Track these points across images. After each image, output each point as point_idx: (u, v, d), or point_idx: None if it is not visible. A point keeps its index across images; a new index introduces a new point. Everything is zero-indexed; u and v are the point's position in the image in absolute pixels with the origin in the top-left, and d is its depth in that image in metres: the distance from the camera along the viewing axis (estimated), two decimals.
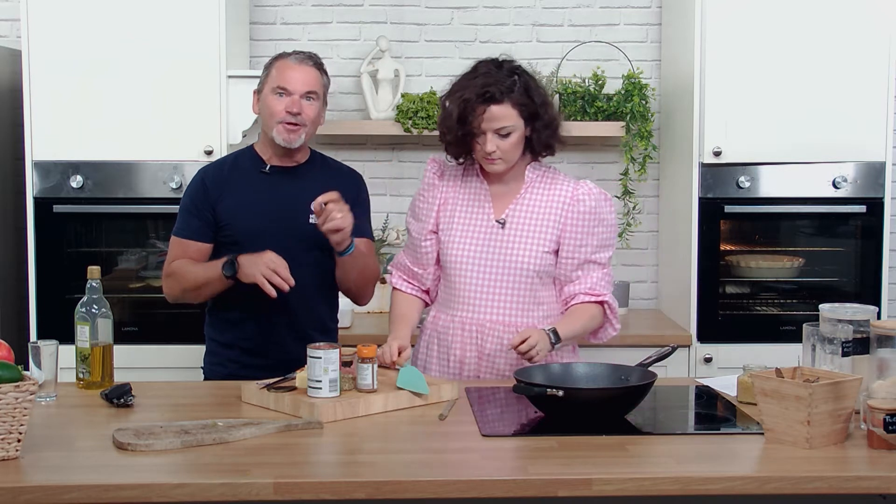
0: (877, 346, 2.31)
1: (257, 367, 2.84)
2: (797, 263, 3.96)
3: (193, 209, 2.95)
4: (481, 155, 2.79)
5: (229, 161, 3.05)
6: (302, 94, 2.88)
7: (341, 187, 2.96)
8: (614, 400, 2.40)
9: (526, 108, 2.75)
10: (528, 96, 2.76)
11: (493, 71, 2.77)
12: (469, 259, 2.82)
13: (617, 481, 1.99)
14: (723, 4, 3.77)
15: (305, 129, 2.90)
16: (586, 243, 2.81)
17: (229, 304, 2.93)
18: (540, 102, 2.78)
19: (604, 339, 2.94)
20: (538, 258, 2.80)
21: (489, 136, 2.74)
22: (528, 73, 2.82)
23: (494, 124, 2.73)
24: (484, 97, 2.72)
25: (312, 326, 2.94)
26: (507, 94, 2.73)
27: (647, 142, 4.15)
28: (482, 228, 2.84)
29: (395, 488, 1.96)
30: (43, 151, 3.73)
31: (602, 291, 2.84)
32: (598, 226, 2.82)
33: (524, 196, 2.85)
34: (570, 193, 2.83)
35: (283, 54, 2.95)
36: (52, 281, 3.75)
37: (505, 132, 2.74)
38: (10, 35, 4.20)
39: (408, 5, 4.31)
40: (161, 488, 1.94)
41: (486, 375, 2.82)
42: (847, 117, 3.78)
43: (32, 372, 2.51)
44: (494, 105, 2.72)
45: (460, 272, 2.83)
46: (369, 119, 4.21)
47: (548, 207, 2.83)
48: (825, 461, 2.08)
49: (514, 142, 2.76)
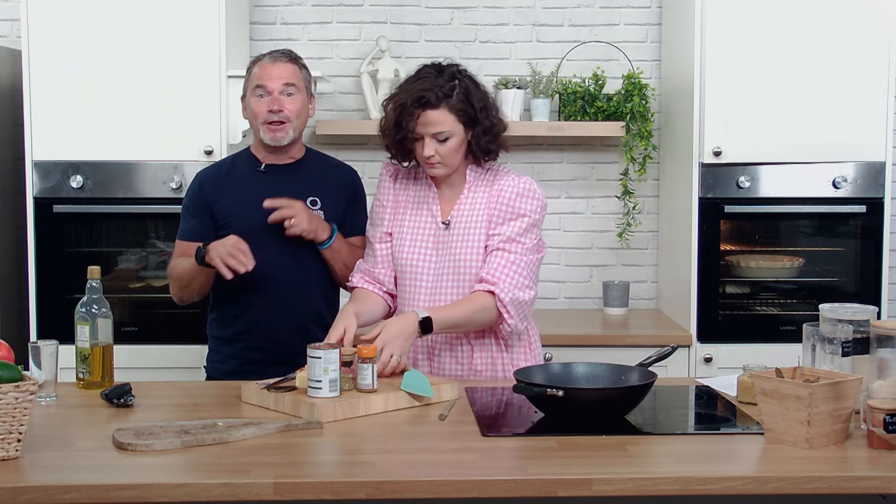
0: (877, 346, 2.31)
1: (259, 361, 2.89)
2: (797, 263, 3.96)
3: (193, 211, 3.00)
4: (422, 159, 2.79)
5: (226, 163, 3.10)
6: (281, 91, 2.91)
7: (337, 183, 3.04)
8: (614, 400, 2.40)
9: (464, 114, 2.75)
10: (467, 101, 2.75)
11: (432, 76, 2.77)
12: (418, 261, 2.83)
13: (617, 481, 1.99)
14: (723, 4, 3.77)
15: (291, 124, 2.94)
16: (497, 231, 2.78)
17: (229, 300, 2.97)
18: (480, 107, 2.77)
19: (503, 335, 2.80)
20: (480, 255, 2.78)
21: (427, 140, 2.74)
22: (470, 77, 2.81)
23: (431, 129, 2.73)
24: (419, 102, 2.73)
25: (312, 321, 2.96)
26: (443, 99, 2.73)
27: (647, 142, 4.15)
28: (429, 230, 2.84)
29: (395, 488, 1.96)
30: (43, 151, 3.73)
31: (495, 279, 2.72)
32: (511, 216, 2.78)
33: (466, 197, 2.84)
34: (497, 188, 2.82)
35: (258, 56, 3.01)
36: (52, 281, 3.75)
37: (442, 137, 2.74)
38: (10, 35, 4.20)
39: (408, 5, 4.31)
40: (161, 488, 1.94)
41: (437, 374, 2.83)
42: (847, 117, 3.79)
43: (32, 372, 2.51)
44: (430, 110, 2.73)
45: (410, 275, 2.84)
46: (369, 119, 4.21)
47: (485, 206, 2.81)
48: (825, 461, 2.08)
49: (452, 146, 2.76)
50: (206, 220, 2.96)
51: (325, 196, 3.00)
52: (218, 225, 2.95)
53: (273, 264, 2.89)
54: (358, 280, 2.94)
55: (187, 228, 3.01)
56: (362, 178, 3.19)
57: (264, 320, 2.95)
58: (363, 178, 3.10)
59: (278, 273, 2.92)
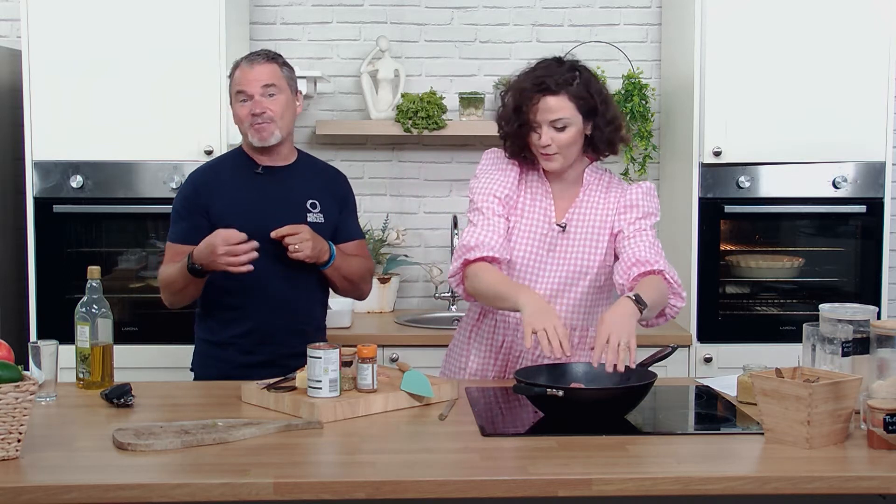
0: (877, 346, 2.31)
1: (250, 365, 2.87)
2: (797, 263, 3.96)
3: (185, 213, 2.95)
4: (537, 150, 2.73)
5: (219, 164, 3.06)
6: (261, 93, 2.89)
7: (330, 187, 3.03)
8: (614, 400, 2.40)
9: (584, 103, 2.69)
10: (587, 91, 2.70)
11: (552, 65, 2.74)
12: (531, 261, 2.76)
13: (617, 481, 1.99)
14: (723, 4, 3.77)
15: (276, 123, 2.90)
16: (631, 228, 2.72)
17: (222, 304, 2.94)
18: (600, 99, 2.72)
19: (671, 315, 2.72)
20: (598, 263, 2.75)
21: (544, 128, 2.68)
22: (589, 70, 2.77)
23: (549, 116, 2.68)
24: (539, 87, 2.68)
25: (307, 324, 2.96)
26: (563, 86, 2.68)
27: (647, 142, 4.15)
28: (544, 230, 2.77)
29: (395, 488, 1.96)
30: (43, 151, 3.73)
31: (654, 260, 2.65)
32: (641, 214, 2.74)
33: (584, 199, 2.79)
34: (623, 197, 2.77)
35: (238, 60, 2.97)
36: (52, 281, 3.75)
37: (560, 125, 2.68)
38: (10, 35, 4.20)
39: (408, 5, 4.31)
40: (161, 488, 1.94)
41: None
42: (847, 117, 3.79)
43: (32, 372, 2.51)
44: (550, 96, 2.67)
45: (522, 273, 2.76)
46: (369, 119, 4.21)
47: (605, 212, 2.77)
48: (825, 461, 2.08)
49: (570, 136, 2.70)
50: (199, 223, 2.90)
51: (322, 200, 2.98)
52: (214, 227, 2.89)
53: (270, 268, 2.86)
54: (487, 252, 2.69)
55: (179, 231, 2.95)
56: (362, 178, 3.19)
57: (260, 324, 2.92)
58: (363, 178, 3.12)
59: (275, 278, 2.89)
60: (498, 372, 2.83)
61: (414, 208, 4.33)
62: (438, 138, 4.23)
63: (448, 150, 4.34)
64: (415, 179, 4.34)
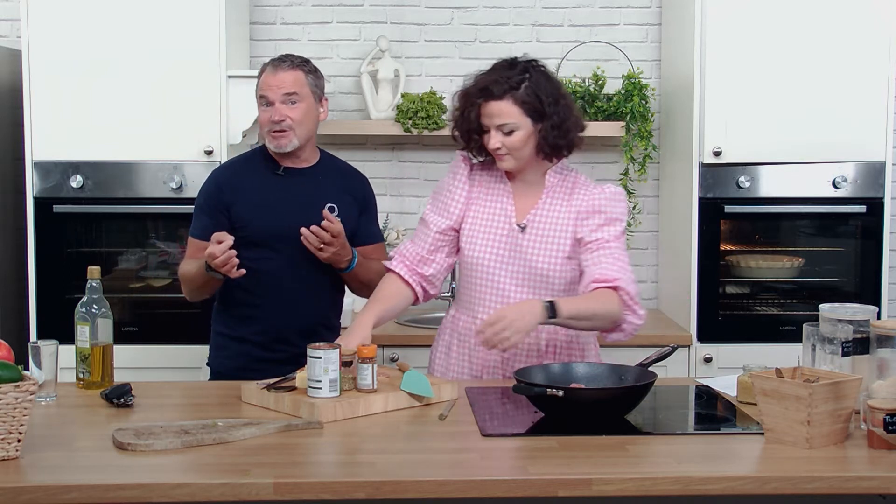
0: (877, 346, 2.31)
1: (267, 360, 2.89)
2: (797, 263, 3.96)
3: (207, 210, 2.98)
4: (491, 150, 2.77)
5: (241, 163, 3.07)
6: (282, 100, 2.90)
7: (352, 190, 3.04)
8: (614, 400, 2.40)
9: (529, 107, 2.71)
10: (535, 95, 2.71)
11: (503, 68, 2.76)
12: (489, 261, 2.78)
13: (617, 481, 1.99)
14: (723, 4, 3.77)
15: (293, 132, 2.92)
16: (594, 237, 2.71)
17: (240, 301, 2.97)
18: (549, 102, 2.72)
19: (629, 331, 2.71)
20: (558, 265, 2.75)
21: (493, 132, 2.72)
22: (543, 72, 2.77)
23: (495, 120, 2.71)
24: (482, 93, 2.72)
25: (321, 322, 2.99)
26: (508, 91, 2.70)
27: (647, 142, 4.15)
28: (503, 230, 2.79)
29: (395, 488, 1.96)
30: (43, 151, 3.73)
31: (614, 276, 2.64)
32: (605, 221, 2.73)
33: (545, 201, 2.80)
34: (586, 201, 2.76)
35: (266, 63, 2.99)
36: (52, 281, 3.75)
37: (507, 129, 2.71)
38: (10, 35, 4.20)
39: (408, 5, 4.31)
40: (161, 488, 1.94)
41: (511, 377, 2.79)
42: (847, 117, 3.78)
43: (32, 372, 2.51)
44: (493, 101, 2.71)
45: (483, 274, 2.79)
46: (369, 119, 4.21)
47: (567, 216, 2.77)
48: (825, 461, 2.08)
49: (519, 139, 2.72)
50: (221, 220, 2.93)
51: (342, 203, 2.99)
52: (235, 227, 2.92)
53: (287, 268, 2.91)
54: (397, 265, 2.84)
55: (200, 227, 2.98)
56: None
57: (275, 323, 2.95)
58: None
59: (291, 277, 2.93)
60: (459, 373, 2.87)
61: (414, 208, 4.33)
62: (438, 138, 4.23)
63: (448, 150, 4.33)
64: (415, 179, 4.34)
